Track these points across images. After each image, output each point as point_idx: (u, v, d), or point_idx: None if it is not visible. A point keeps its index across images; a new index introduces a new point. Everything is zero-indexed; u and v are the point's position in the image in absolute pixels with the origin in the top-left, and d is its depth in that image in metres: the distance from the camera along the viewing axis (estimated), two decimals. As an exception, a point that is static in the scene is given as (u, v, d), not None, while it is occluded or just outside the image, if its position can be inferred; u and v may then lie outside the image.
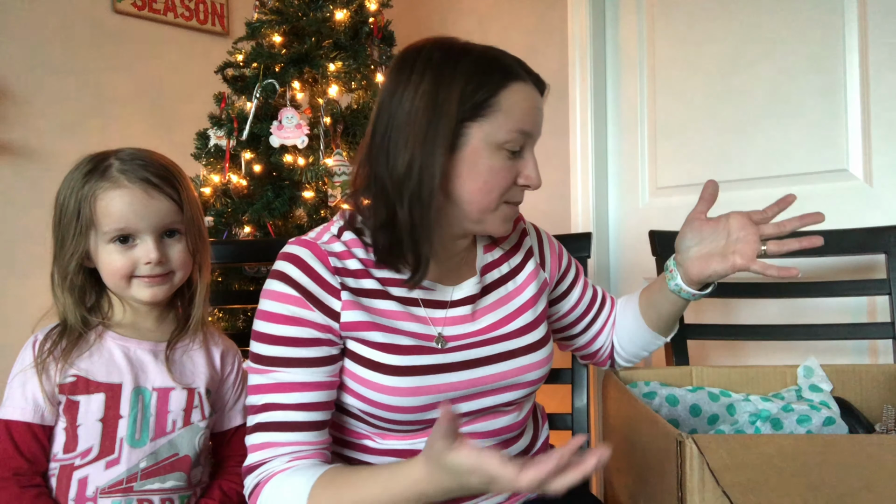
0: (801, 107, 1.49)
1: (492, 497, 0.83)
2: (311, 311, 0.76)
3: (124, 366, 0.83)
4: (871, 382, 1.01)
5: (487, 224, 0.80)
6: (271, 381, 0.75)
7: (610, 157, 1.89)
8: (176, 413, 0.85)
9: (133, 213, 0.80)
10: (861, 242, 1.26)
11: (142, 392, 0.83)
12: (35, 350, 0.81)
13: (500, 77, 0.76)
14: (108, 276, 0.82)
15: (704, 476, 0.60)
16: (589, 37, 1.83)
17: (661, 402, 0.96)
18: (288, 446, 0.74)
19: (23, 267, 1.94)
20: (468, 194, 0.77)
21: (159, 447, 0.83)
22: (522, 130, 0.77)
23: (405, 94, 0.75)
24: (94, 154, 0.84)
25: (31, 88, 2.01)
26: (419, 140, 0.74)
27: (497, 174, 0.76)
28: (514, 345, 0.84)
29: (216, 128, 1.74)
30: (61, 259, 0.82)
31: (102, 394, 0.81)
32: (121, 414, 0.81)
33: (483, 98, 0.75)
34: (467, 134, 0.75)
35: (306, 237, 0.82)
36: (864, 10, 1.39)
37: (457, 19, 2.28)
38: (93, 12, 2.14)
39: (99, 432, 0.80)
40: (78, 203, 0.80)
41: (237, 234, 1.69)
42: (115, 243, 0.81)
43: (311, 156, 1.69)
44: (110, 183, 0.80)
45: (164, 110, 2.29)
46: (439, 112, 0.74)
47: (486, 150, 0.75)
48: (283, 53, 1.73)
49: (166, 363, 0.85)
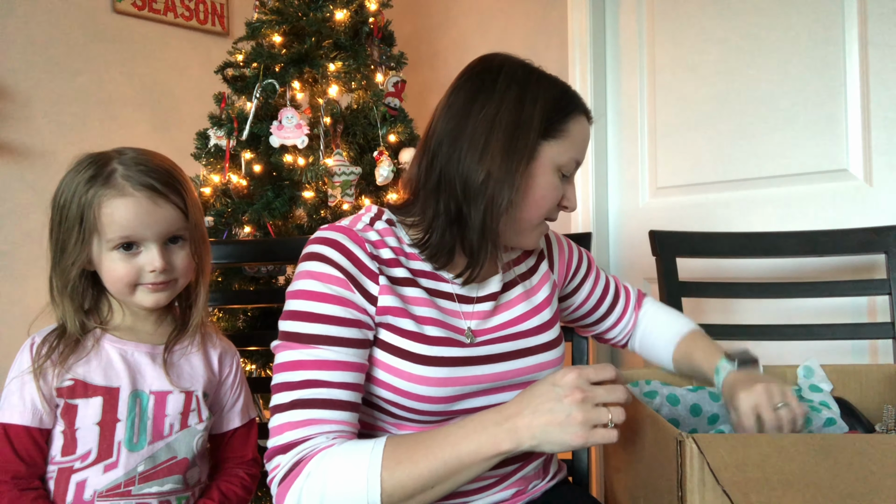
0: (801, 107, 1.49)
1: (495, 494, 0.84)
2: (353, 294, 0.77)
3: (122, 369, 0.82)
4: (871, 382, 1.01)
5: (526, 236, 0.85)
6: (314, 358, 0.74)
7: (610, 157, 1.89)
8: (173, 416, 0.84)
9: (139, 221, 0.79)
10: (861, 242, 1.26)
11: (139, 395, 0.82)
12: (32, 353, 0.80)
13: (573, 106, 0.82)
14: (112, 283, 0.81)
15: (705, 475, 0.60)
16: (589, 37, 1.83)
17: (661, 401, 0.96)
18: (333, 424, 0.72)
19: (22, 267, 1.94)
20: (524, 206, 0.81)
21: (157, 451, 0.82)
22: (577, 160, 0.83)
23: (489, 102, 0.78)
24: (94, 155, 0.82)
25: (31, 88, 2.01)
26: (503, 149, 0.77)
27: (550, 193, 0.82)
28: (532, 342, 0.87)
29: (216, 128, 1.74)
30: (62, 265, 0.81)
31: (100, 397, 0.80)
32: (118, 418, 0.80)
33: (558, 121, 0.80)
34: (540, 151, 0.80)
35: (340, 224, 0.83)
36: (864, 11, 1.39)
37: (457, 19, 2.28)
38: (93, 12, 2.15)
39: (97, 436, 0.79)
40: (81, 209, 0.78)
41: (237, 234, 1.69)
42: (119, 251, 0.80)
43: (311, 156, 1.69)
44: (115, 190, 0.78)
45: (164, 110, 2.30)
46: (525, 126, 0.78)
47: (549, 170, 0.81)
48: (283, 53, 1.73)
49: (164, 366, 0.85)
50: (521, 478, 0.87)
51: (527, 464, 0.88)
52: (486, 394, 0.82)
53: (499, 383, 0.83)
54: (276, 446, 0.72)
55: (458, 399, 0.80)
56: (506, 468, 0.84)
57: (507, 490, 0.85)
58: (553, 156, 0.80)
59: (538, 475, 0.91)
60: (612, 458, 0.95)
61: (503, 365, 0.83)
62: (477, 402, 0.81)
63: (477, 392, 0.81)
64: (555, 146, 0.80)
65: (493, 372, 0.82)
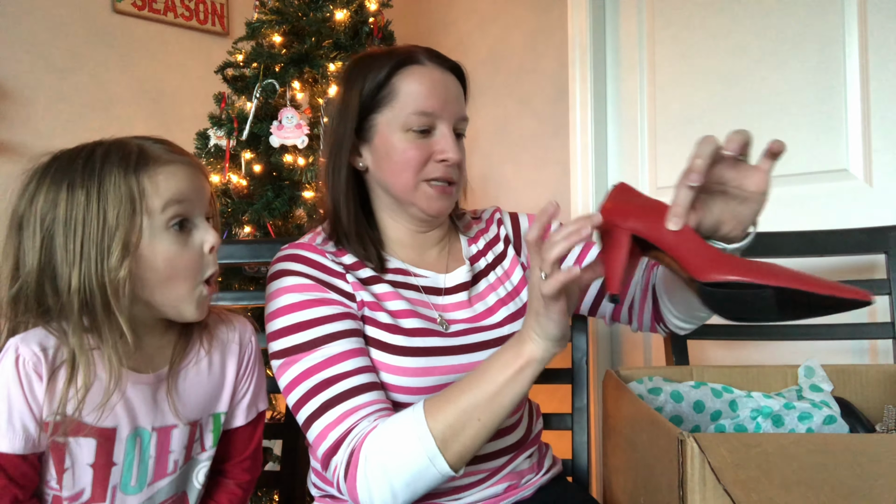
0: (801, 107, 1.49)
1: (487, 489, 0.84)
2: (329, 293, 0.79)
3: (119, 407, 0.69)
4: (872, 382, 1.01)
5: (417, 204, 0.85)
6: (321, 359, 0.74)
7: (610, 157, 1.89)
8: (178, 453, 0.74)
9: (192, 188, 0.69)
10: (861, 242, 1.26)
11: (140, 434, 0.71)
12: (20, 371, 0.64)
13: (392, 66, 0.82)
14: (169, 274, 0.67)
15: (705, 475, 0.60)
16: (589, 37, 1.83)
17: (665, 398, 0.96)
18: (367, 407, 0.72)
19: (22, 267, 1.94)
20: (387, 178, 0.84)
21: (157, 490, 0.73)
22: (423, 111, 0.81)
23: (333, 104, 0.89)
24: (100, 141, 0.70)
25: (31, 88, 2.01)
26: (334, 137, 0.85)
27: (405, 154, 0.82)
28: (507, 331, 0.87)
29: (216, 128, 1.74)
30: (99, 271, 0.64)
31: (93, 439, 0.67)
32: (114, 461, 0.69)
33: (376, 87, 0.82)
34: (375, 124, 0.84)
35: (297, 242, 0.87)
36: (863, 11, 1.39)
37: (457, 19, 2.28)
38: (93, 12, 2.15)
39: (90, 477, 0.69)
40: (129, 190, 0.65)
41: (237, 234, 1.69)
42: (174, 230, 0.67)
43: (311, 156, 1.69)
44: (156, 162, 0.67)
45: (164, 110, 2.30)
46: (345, 112, 0.85)
47: (394, 135, 0.82)
48: (283, 53, 1.73)
49: (168, 396, 0.72)
50: (513, 472, 0.87)
51: (518, 454, 0.88)
52: None
53: None
54: (326, 451, 0.72)
55: (438, 390, 0.77)
56: (497, 460, 0.84)
57: (500, 484, 0.85)
58: (389, 121, 0.82)
59: (532, 469, 0.91)
60: (611, 458, 0.95)
61: (481, 354, 0.83)
62: None
63: None
64: (387, 112, 0.82)
65: (471, 362, 0.82)
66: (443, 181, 0.84)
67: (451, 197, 0.87)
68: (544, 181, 1.96)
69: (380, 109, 0.83)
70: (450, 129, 0.84)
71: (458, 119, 0.85)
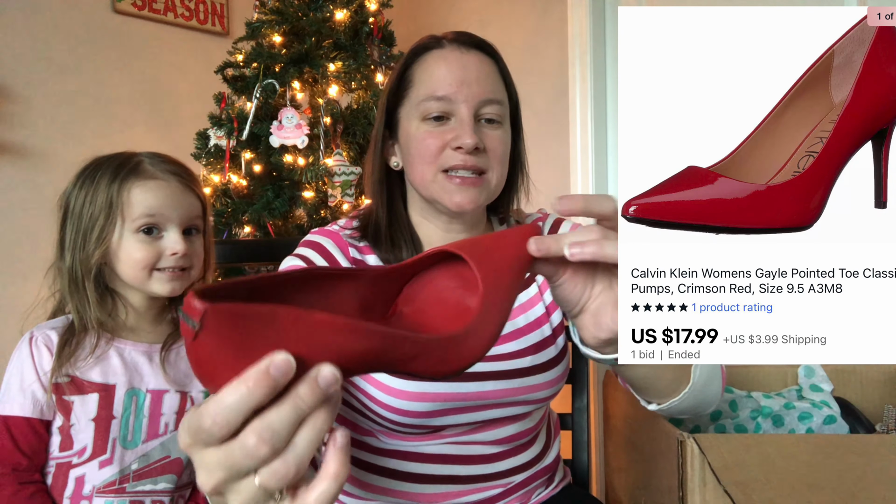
0: (801, 107, 1.49)
1: (488, 490, 0.81)
2: None
3: (119, 367, 0.83)
4: (871, 382, 1.01)
5: (438, 198, 0.77)
6: None
7: (610, 157, 1.89)
8: (168, 416, 0.85)
9: (167, 203, 0.83)
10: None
11: (136, 394, 0.84)
12: (32, 347, 0.81)
13: (410, 55, 0.80)
14: (130, 267, 0.83)
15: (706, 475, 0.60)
16: (589, 37, 1.83)
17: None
18: None
19: (22, 267, 1.94)
20: (410, 172, 0.80)
21: (151, 449, 0.84)
22: (435, 96, 0.75)
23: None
24: (113, 154, 0.85)
25: (31, 88, 2.01)
26: (373, 136, 0.84)
27: (421, 143, 0.76)
28: (523, 363, 0.80)
29: (216, 128, 1.74)
30: (83, 255, 0.82)
31: (96, 394, 0.81)
32: (114, 415, 0.82)
33: (397, 79, 0.80)
34: (399, 118, 0.81)
35: (330, 227, 0.83)
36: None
37: (457, 19, 2.28)
38: (93, 12, 2.14)
39: (92, 432, 0.80)
40: (109, 196, 0.81)
41: (237, 234, 1.69)
42: (141, 234, 0.82)
43: (311, 156, 1.69)
44: (145, 176, 0.83)
45: (163, 110, 2.29)
46: (380, 110, 0.83)
47: (412, 125, 0.78)
48: (283, 53, 1.73)
49: (161, 365, 0.86)
50: (526, 491, 0.84)
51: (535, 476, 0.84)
52: (471, 410, 0.76)
53: (483, 401, 0.77)
54: None
55: (439, 414, 0.75)
56: (512, 478, 0.81)
57: None
58: (407, 113, 0.79)
59: (543, 485, 0.87)
60: (612, 458, 0.95)
61: (489, 384, 0.77)
62: (461, 418, 0.76)
63: (460, 408, 0.76)
64: (406, 104, 0.79)
65: (477, 391, 0.76)
66: (463, 170, 0.75)
67: (479, 189, 0.76)
68: (544, 181, 1.96)
69: (401, 102, 0.79)
70: (469, 113, 0.75)
71: (481, 101, 0.75)
